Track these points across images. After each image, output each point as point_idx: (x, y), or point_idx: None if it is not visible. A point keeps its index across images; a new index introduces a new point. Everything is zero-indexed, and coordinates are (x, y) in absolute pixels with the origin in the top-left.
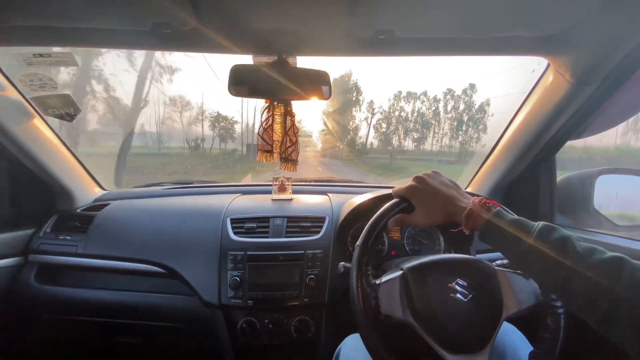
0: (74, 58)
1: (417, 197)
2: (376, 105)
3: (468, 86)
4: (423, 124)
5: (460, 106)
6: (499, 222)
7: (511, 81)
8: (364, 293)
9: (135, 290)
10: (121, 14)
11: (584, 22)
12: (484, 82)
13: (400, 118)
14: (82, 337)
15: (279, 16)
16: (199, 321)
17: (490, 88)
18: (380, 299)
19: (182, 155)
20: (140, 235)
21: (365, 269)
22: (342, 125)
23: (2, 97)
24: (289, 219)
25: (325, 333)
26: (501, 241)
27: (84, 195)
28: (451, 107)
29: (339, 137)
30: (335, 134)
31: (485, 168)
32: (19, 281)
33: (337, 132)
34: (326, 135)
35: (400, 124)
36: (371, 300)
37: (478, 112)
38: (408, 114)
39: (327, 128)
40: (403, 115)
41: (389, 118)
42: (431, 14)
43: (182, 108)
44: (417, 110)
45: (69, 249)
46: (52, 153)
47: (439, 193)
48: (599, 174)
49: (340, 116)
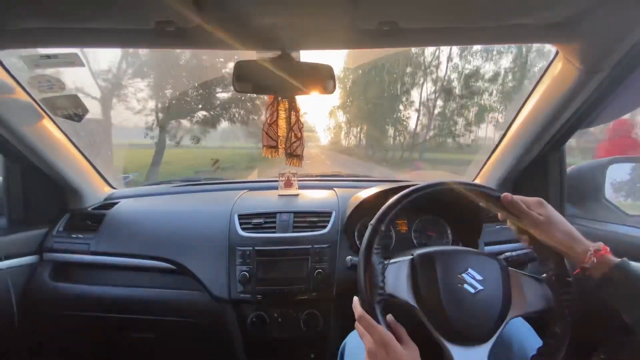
0: (80, 59)
1: (545, 206)
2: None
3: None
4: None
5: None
6: (627, 273)
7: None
8: (371, 269)
9: (147, 286)
10: (124, 13)
11: (593, 8)
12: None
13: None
14: (96, 332)
15: (282, 10)
16: (210, 316)
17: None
18: (386, 277)
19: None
20: (150, 233)
21: (375, 248)
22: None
23: (12, 100)
24: (296, 214)
25: (333, 326)
26: (626, 294)
27: (94, 194)
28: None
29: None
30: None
31: (494, 158)
32: (35, 279)
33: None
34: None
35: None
36: (377, 277)
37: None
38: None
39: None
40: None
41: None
42: (435, 4)
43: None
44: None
45: (81, 247)
46: (63, 154)
47: (565, 222)
48: (610, 162)
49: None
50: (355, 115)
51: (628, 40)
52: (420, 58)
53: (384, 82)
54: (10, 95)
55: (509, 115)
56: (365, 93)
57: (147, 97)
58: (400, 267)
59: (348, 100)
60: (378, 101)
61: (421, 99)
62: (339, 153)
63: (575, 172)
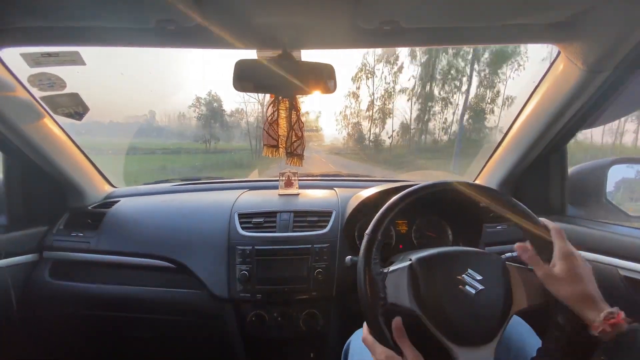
0: (81, 57)
1: (574, 262)
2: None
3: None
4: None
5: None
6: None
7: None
8: (372, 281)
9: (147, 285)
10: (125, 12)
11: (595, 7)
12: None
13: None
14: (96, 331)
15: (283, 9)
16: (209, 315)
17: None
18: (387, 287)
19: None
20: (150, 231)
21: (373, 258)
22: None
23: (13, 98)
24: (296, 213)
25: (333, 326)
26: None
27: (94, 192)
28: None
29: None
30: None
31: (495, 159)
32: (35, 277)
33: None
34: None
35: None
36: (378, 288)
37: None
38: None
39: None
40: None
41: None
42: (437, 4)
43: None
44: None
45: (81, 245)
46: (63, 152)
47: (587, 281)
48: (612, 164)
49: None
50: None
51: (630, 39)
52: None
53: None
54: (11, 93)
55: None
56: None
57: None
58: (399, 274)
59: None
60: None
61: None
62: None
63: (576, 173)
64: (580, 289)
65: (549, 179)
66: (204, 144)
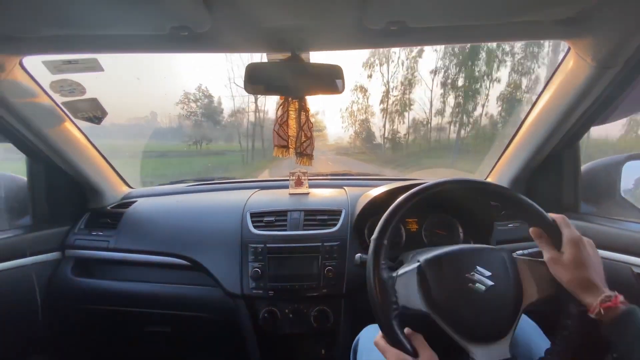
0: (99, 64)
1: (580, 249)
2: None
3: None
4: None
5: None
6: (634, 321)
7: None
8: (382, 286)
9: (163, 282)
10: (141, 20)
11: (604, 3)
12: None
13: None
14: (115, 325)
15: (291, 12)
16: (223, 311)
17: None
18: (397, 291)
19: None
20: (166, 230)
21: (382, 262)
22: None
23: (37, 104)
24: (306, 212)
25: (343, 323)
26: (630, 341)
27: (113, 193)
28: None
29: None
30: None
31: (506, 157)
32: (58, 274)
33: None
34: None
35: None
36: (389, 292)
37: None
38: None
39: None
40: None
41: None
42: (444, 2)
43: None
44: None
45: (101, 244)
46: (83, 154)
47: (597, 266)
48: (627, 160)
49: None
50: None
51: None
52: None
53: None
54: (34, 99)
55: (522, 112)
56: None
57: None
58: (409, 277)
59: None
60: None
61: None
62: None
63: (590, 170)
64: (582, 275)
65: (562, 176)
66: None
